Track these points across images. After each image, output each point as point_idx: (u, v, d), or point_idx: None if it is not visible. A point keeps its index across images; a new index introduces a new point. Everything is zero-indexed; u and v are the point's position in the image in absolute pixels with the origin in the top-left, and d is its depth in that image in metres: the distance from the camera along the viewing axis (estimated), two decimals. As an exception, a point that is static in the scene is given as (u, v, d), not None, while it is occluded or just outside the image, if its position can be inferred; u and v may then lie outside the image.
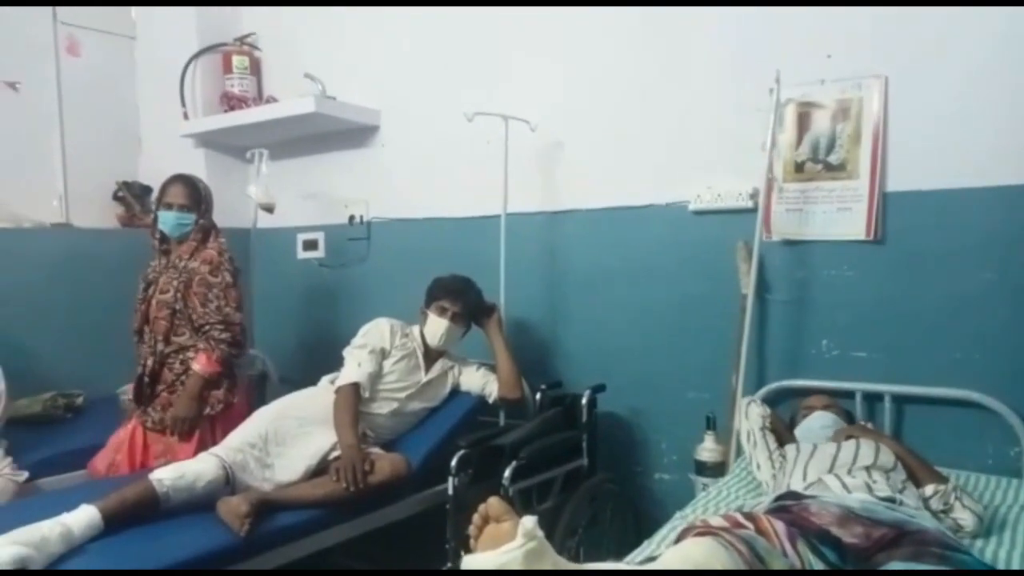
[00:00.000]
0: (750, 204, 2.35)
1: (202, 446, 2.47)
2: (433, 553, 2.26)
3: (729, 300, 2.36)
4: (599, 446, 2.54)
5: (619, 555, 1.60)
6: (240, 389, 2.69)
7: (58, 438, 2.79)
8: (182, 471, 2.01)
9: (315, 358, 3.40)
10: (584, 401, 2.47)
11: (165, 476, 1.97)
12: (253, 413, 2.39)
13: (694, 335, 2.51)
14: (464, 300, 2.55)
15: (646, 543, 1.71)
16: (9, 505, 2.23)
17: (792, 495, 1.62)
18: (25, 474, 2.38)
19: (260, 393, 3.24)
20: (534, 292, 2.82)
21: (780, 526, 1.36)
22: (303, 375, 3.05)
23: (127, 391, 2.77)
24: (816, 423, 2.04)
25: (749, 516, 1.40)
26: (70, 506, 1.82)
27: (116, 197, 3.63)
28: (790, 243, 2.33)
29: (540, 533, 1.11)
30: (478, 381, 2.63)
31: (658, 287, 2.57)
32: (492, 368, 2.65)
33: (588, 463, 2.47)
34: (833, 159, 2.25)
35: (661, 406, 2.58)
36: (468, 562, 1.12)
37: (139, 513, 1.89)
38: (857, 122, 2.20)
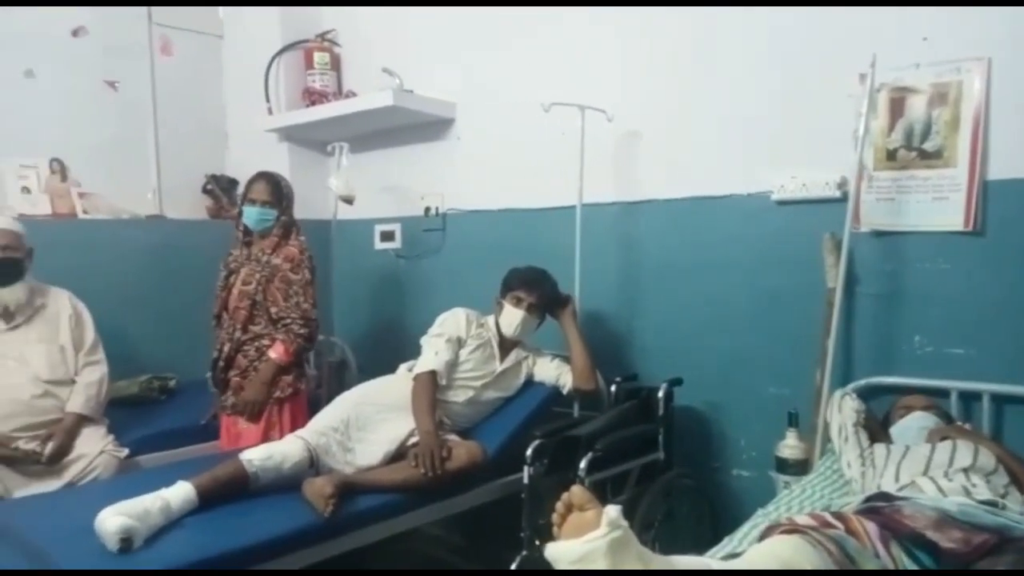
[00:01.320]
0: (838, 194, 2.26)
1: (269, 429, 2.61)
2: (508, 541, 2.28)
3: (813, 293, 2.29)
4: (675, 440, 2.50)
5: (695, 551, 1.58)
6: (308, 378, 2.78)
7: (154, 418, 2.95)
8: (270, 452, 2.09)
9: (391, 346, 3.47)
10: (661, 394, 2.43)
11: (255, 456, 2.05)
12: (335, 398, 2.46)
13: (775, 329, 2.44)
14: (540, 291, 2.56)
15: (727, 539, 1.68)
16: (112, 480, 2.38)
17: (883, 496, 1.56)
18: (126, 451, 2.53)
19: (339, 379, 3.33)
20: (609, 283, 2.80)
21: (871, 527, 1.32)
22: (379, 363, 3.12)
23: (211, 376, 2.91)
24: (914, 423, 1.96)
25: (838, 516, 1.36)
26: (168, 482, 1.91)
27: (205, 190, 3.79)
28: (880, 234, 2.24)
29: (624, 523, 1.10)
30: (552, 372, 2.63)
31: (738, 279, 2.51)
32: (566, 359, 2.65)
33: (664, 457, 2.44)
34: (928, 146, 2.14)
35: (740, 401, 2.52)
36: (551, 550, 1.12)
37: (230, 491, 1.98)
38: (956, 107, 2.09)
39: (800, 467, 2.23)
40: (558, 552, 1.10)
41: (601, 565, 1.07)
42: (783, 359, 2.41)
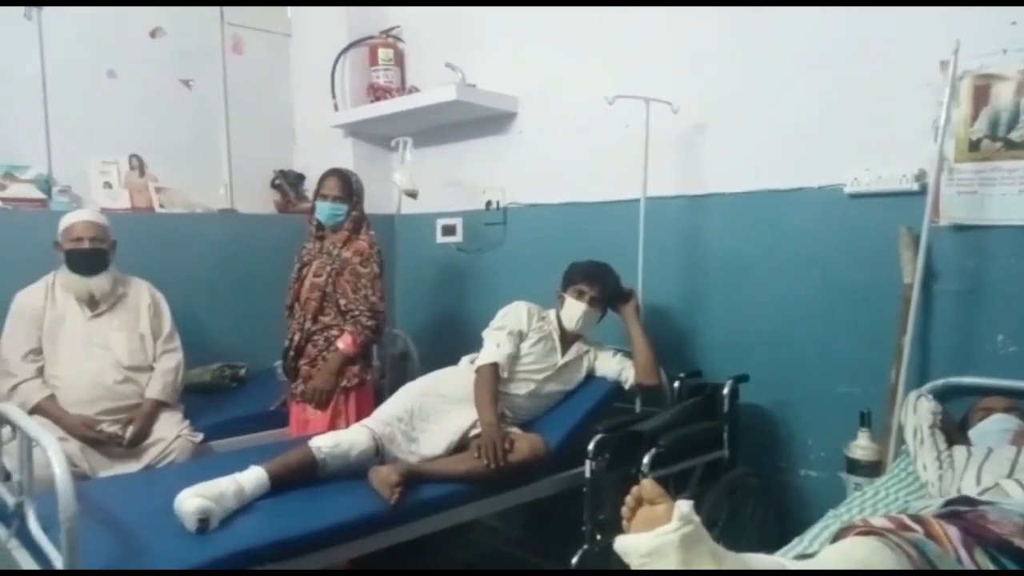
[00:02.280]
0: (915, 187, 2.18)
1: (335, 416, 2.67)
2: (567, 535, 2.28)
3: (887, 289, 2.21)
4: (740, 438, 2.46)
5: (761, 552, 1.55)
6: (373, 368, 2.84)
7: (225, 405, 3.05)
8: (338, 440, 2.14)
9: (452, 339, 3.50)
10: (726, 391, 2.39)
11: (323, 444, 2.10)
12: (399, 389, 2.51)
13: (846, 326, 2.37)
14: (602, 284, 2.55)
15: (796, 540, 1.65)
16: (188, 463, 2.47)
17: (965, 500, 1.49)
18: (200, 436, 2.62)
19: (402, 371, 3.38)
20: (673, 278, 2.76)
21: (953, 532, 1.26)
22: (440, 355, 3.15)
23: (281, 364, 2.99)
24: (995, 426, 1.87)
25: (916, 519, 1.31)
26: (240, 467, 1.97)
27: (273, 185, 3.90)
28: (961, 228, 2.14)
29: (696, 518, 1.09)
30: (614, 366, 2.62)
31: (807, 275, 2.44)
32: (628, 354, 2.63)
33: (729, 455, 2.40)
34: (1016, 136, 2.04)
35: (808, 400, 2.46)
36: (621, 542, 1.11)
37: (300, 477, 2.03)
38: (1047, 94, 1.99)
39: (872, 468, 2.16)
40: (628, 545, 1.09)
41: (672, 560, 1.05)
42: (855, 357, 2.34)
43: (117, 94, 3.41)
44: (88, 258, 2.58)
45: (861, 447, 2.19)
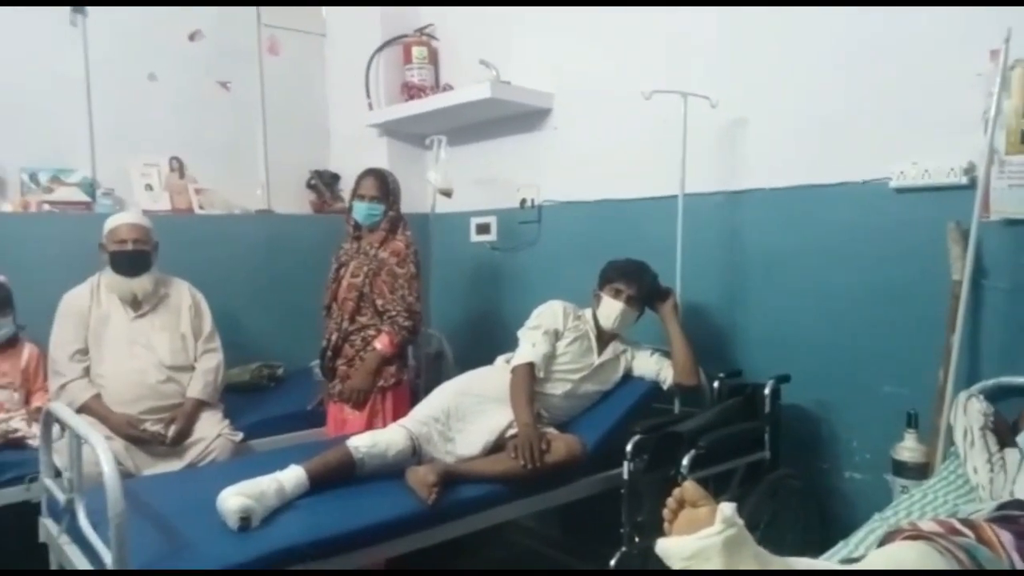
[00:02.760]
0: (964, 180, 2.11)
1: (372, 416, 2.68)
2: (606, 536, 2.26)
3: (935, 286, 2.15)
4: (782, 440, 2.41)
5: (804, 555, 1.52)
6: (409, 368, 2.85)
7: (264, 404, 3.08)
8: (375, 440, 2.15)
9: (486, 338, 3.51)
10: (767, 391, 2.35)
11: (361, 443, 2.12)
12: (435, 389, 2.51)
13: (891, 324, 2.30)
14: (639, 283, 2.52)
15: (842, 543, 1.61)
16: (228, 462, 2.51)
17: (1018, 504, 1.45)
18: (240, 435, 2.66)
19: (436, 370, 3.39)
20: (711, 276, 2.72)
21: (1006, 536, 1.22)
22: (475, 354, 3.15)
23: (318, 364, 3.01)
24: (1050, 428, 1.81)
25: (967, 523, 1.26)
26: (279, 466, 1.99)
27: (309, 185, 3.93)
28: (1013, 223, 2.06)
29: (740, 521, 1.07)
30: (652, 366, 2.59)
31: (850, 272, 2.39)
32: (666, 354, 2.60)
33: (770, 456, 2.36)
34: (1072, 127, 1.96)
35: (852, 400, 2.40)
36: (663, 545, 1.10)
37: (338, 476, 2.05)
38: (1104, 83, 1.91)
39: (919, 471, 2.11)
40: (670, 547, 1.08)
41: (715, 563, 1.04)
42: (901, 356, 2.28)
43: (157, 97, 3.48)
44: (131, 260, 2.63)
45: (908, 449, 2.14)
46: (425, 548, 2.05)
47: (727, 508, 1.05)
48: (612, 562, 2.18)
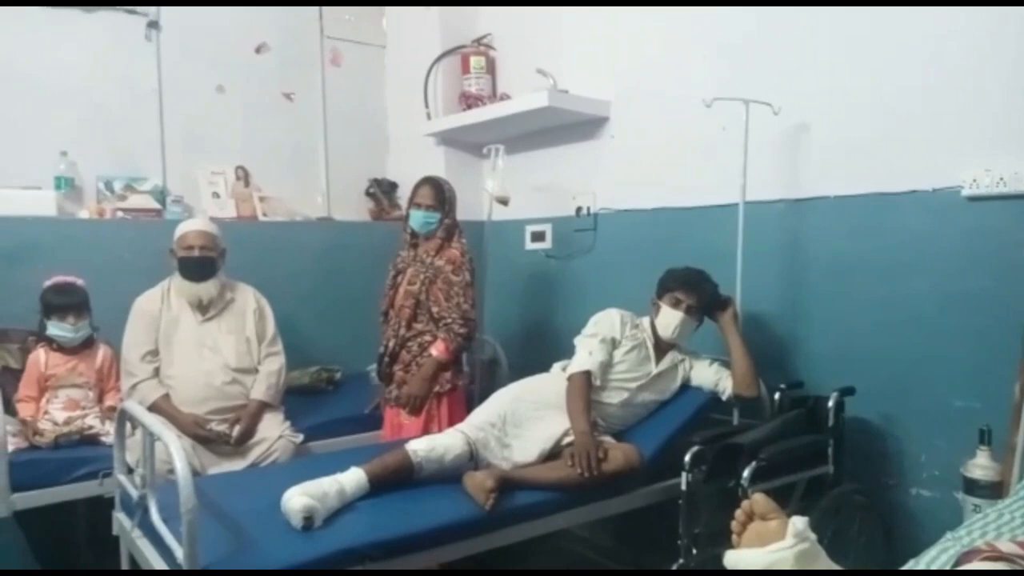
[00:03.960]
0: (1043, 188, 2.03)
1: (429, 421, 2.71)
2: (660, 547, 2.24)
3: (1010, 297, 2.07)
4: (846, 454, 2.35)
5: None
6: (464, 374, 2.87)
7: (323, 407, 3.15)
8: (433, 444, 2.18)
9: (540, 345, 3.51)
10: (831, 404, 2.29)
11: (419, 447, 2.14)
12: (492, 395, 2.52)
13: (964, 336, 2.22)
14: (699, 292, 2.49)
15: (912, 562, 1.56)
16: (290, 463, 2.57)
17: (1105, 528, 1.38)
18: (301, 436, 2.72)
19: (491, 376, 3.40)
20: (773, 285, 2.67)
21: (1094, 562, 1.16)
22: (529, 361, 3.16)
23: (375, 369, 3.06)
24: None
25: (1051, 546, 1.21)
26: (338, 468, 2.03)
27: (368, 193, 4.02)
28: (1097, 233, 1.98)
29: (812, 536, 1.05)
30: (711, 377, 2.55)
31: (919, 282, 2.31)
32: (725, 364, 2.56)
33: (834, 471, 2.30)
34: None
35: (920, 414, 2.32)
36: (732, 557, 1.08)
37: (397, 479, 2.08)
38: None
39: (993, 489, 2.02)
40: (740, 560, 1.06)
41: (787, 578, 1.02)
42: (973, 370, 2.19)
43: (225, 108, 3.61)
44: (198, 265, 2.72)
45: (981, 466, 2.05)
46: (477, 554, 2.06)
47: (799, 522, 1.03)
48: (669, 574, 2.16)
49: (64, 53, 3.21)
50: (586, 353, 2.47)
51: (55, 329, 2.68)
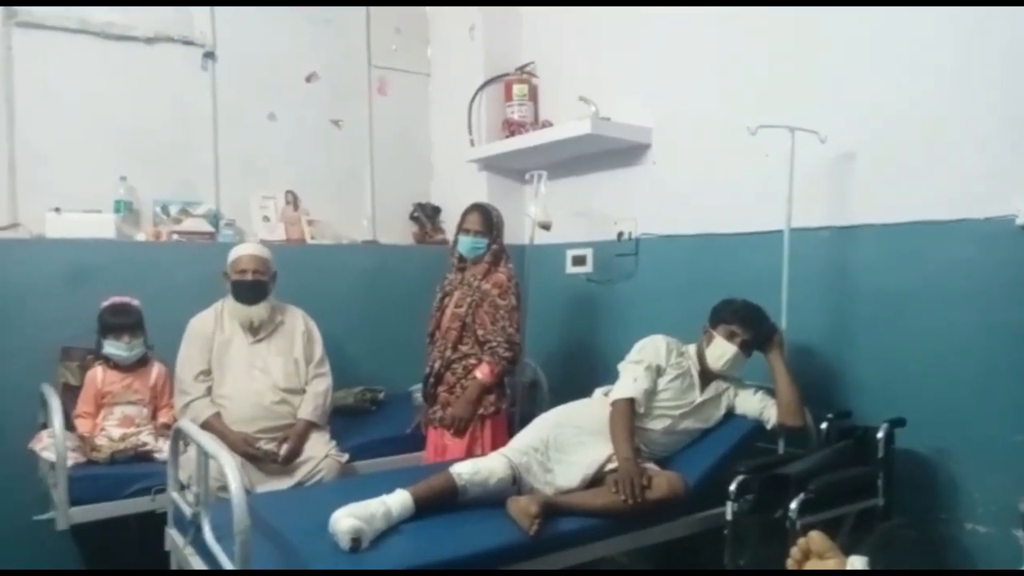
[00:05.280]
0: (1102, 218, 1.99)
1: (472, 444, 2.73)
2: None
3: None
4: (896, 487, 2.30)
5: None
6: (507, 398, 2.90)
7: (366, 427, 3.20)
8: (477, 467, 2.19)
9: (581, 369, 3.51)
10: (880, 435, 2.25)
11: (463, 471, 2.16)
12: (535, 419, 2.53)
13: (1018, 369, 2.17)
14: (756, 329, 2.47)
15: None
16: (336, 482, 2.61)
17: None
18: (346, 456, 2.77)
19: (531, 400, 3.41)
20: (818, 313, 2.64)
21: None
22: (570, 385, 3.17)
23: (417, 389, 3.10)
24: None
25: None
26: (382, 488, 2.05)
27: (412, 217, 4.09)
28: None
29: None
30: (755, 405, 2.53)
31: (973, 312, 2.27)
32: (770, 392, 2.53)
33: (884, 504, 2.25)
34: None
35: (975, 448, 2.26)
36: (788, 597, 1.07)
37: (442, 502, 2.10)
38: None
39: (1054, 528, 1.97)
40: (798, 602, 1.05)
41: (846, 616, 1.01)
42: (1030, 403, 2.14)
43: (276, 135, 3.72)
44: (250, 289, 2.80)
45: (1041, 503, 2.00)
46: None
47: (858, 561, 1.02)
48: (713, 606, 2.13)
49: (125, 83, 3.35)
50: (630, 379, 2.47)
51: (111, 348, 2.78)
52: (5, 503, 2.83)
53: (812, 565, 1.07)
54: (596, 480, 2.32)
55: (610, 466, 2.33)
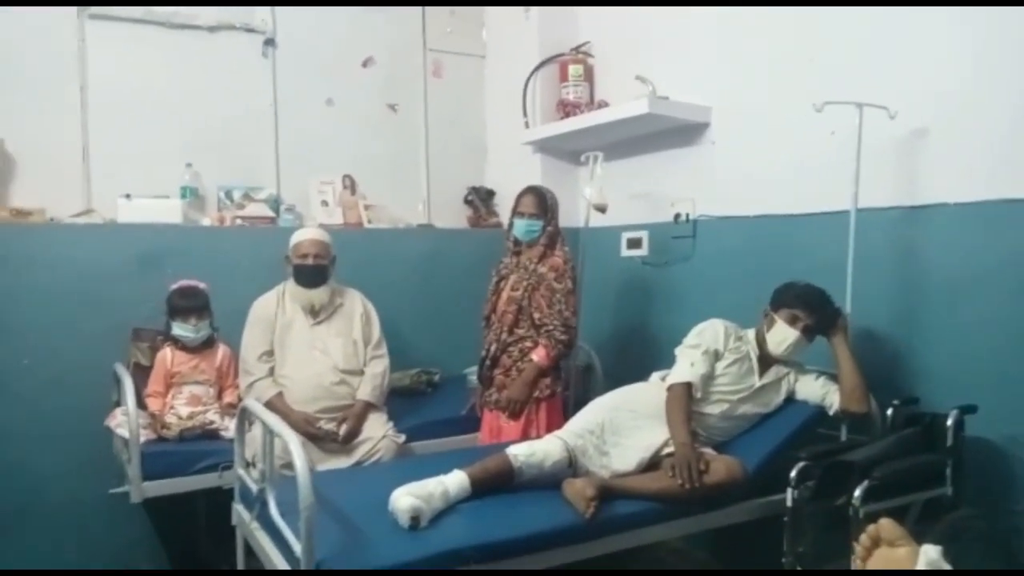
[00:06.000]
0: None
1: (527, 426, 2.75)
2: (758, 564, 2.18)
3: None
4: (966, 476, 2.22)
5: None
6: (562, 380, 2.90)
7: (422, 408, 3.24)
8: (533, 449, 2.20)
9: (635, 353, 3.49)
10: (950, 422, 2.17)
11: (520, 452, 2.17)
12: (590, 402, 2.52)
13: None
14: (820, 314, 2.40)
15: (1045, 596, 1.46)
16: (393, 462, 2.66)
17: None
18: (403, 437, 2.82)
19: (585, 384, 3.40)
20: (885, 296, 2.55)
21: None
22: (624, 368, 3.15)
23: (472, 372, 3.13)
24: None
25: None
26: (439, 469, 2.08)
27: (466, 201, 4.10)
28: None
29: (947, 566, 1.01)
30: (817, 391, 2.47)
31: (1053, 297, 2.16)
32: (833, 377, 2.47)
33: (952, 494, 2.18)
34: None
35: (1052, 438, 2.17)
36: (854, 587, 1.05)
37: (498, 483, 2.11)
38: None
39: None
40: (866, 592, 1.03)
41: (919, 608, 0.98)
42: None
43: (334, 120, 3.77)
44: (311, 273, 2.86)
45: (1124, 497, 1.90)
46: (579, 562, 2.06)
47: (932, 551, 0.99)
48: (773, 593, 2.10)
49: (189, 71, 3.44)
50: (688, 364, 2.44)
51: (179, 329, 2.88)
52: (84, 477, 2.97)
53: (882, 552, 1.04)
54: (652, 464, 2.31)
55: (667, 450, 2.31)
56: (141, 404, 2.76)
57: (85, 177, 3.27)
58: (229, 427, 2.66)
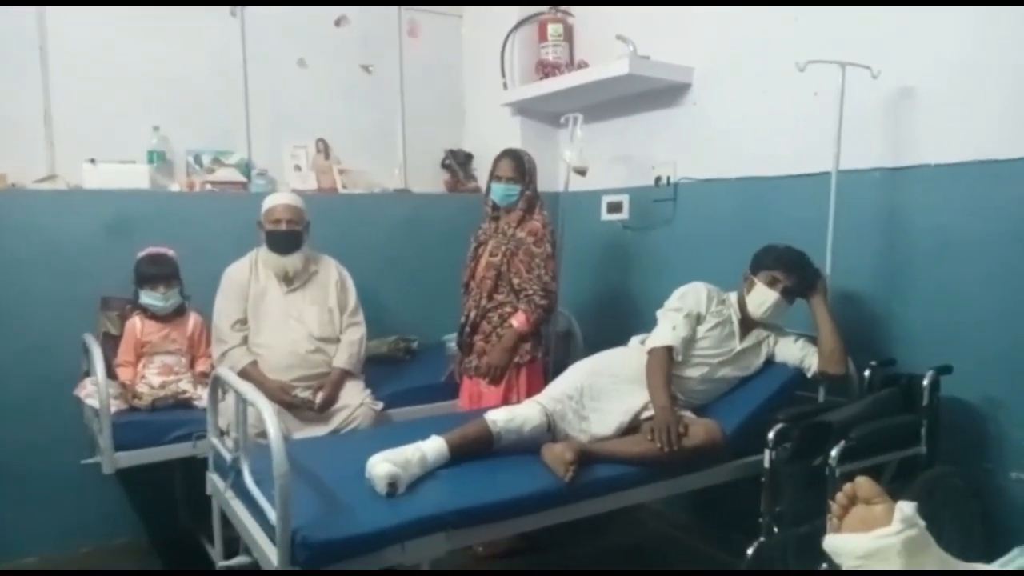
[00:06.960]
0: None
1: (508, 392, 2.74)
2: (737, 524, 2.19)
3: None
4: (940, 435, 2.24)
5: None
6: (543, 346, 2.88)
7: (401, 376, 3.21)
8: (512, 415, 2.19)
9: (615, 318, 3.47)
10: (926, 382, 2.19)
11: (498, 418, 2.16)
12: (569, 367, 2.51)
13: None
14: (799, 274, 2.40)
15: (1018, 551, 1.47)
16: (370, 430, 2.63)
17: None
18: (381, 404, 2.79)
19: (565, 349, 3.39)
20: (866, 259, 2.54)
21: None
22: (603, 334, 3.13)
23: (451, 338, 3.10)
24: None
25: None
26: (417, 436, 2.06)
27: (443, 165, 4.02)
28: None
29: (921, 522, 1.00)
30: (796, 353, 2.47)
31: (1030, 256, 2.16)
32: (812, 340, 2.47)
33: (927, 452, 2.20)
34: None
35: (1025, 396, 2.19)
36: (833, 542, 1.04)
37: (477, 449, 2.10)
38: None
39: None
40: (842, 545, 1.02)
41: (894, 564, 0.97)
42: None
43: (306, 82, 3.65)
44: (285, 239, 2.79)
45: (1096, 453, 1.93)
46: (559, 526, 2.07)
47: (907, 507, 0.98)
48: (749, 551, 2.12)
49: (155, 30, 3.30)
50: (669, 327, 2.42)
51: (147, 298, 2.81)
52: (55, 448, 2.91)
53: (858, 510, 1.04)
54: (632, 428, 2.31)
55: (646, 414, 2.31)
56: (111, 374, 2.70)
57: (48, 141, 3.14)
58: (202, 396, 2.61)
